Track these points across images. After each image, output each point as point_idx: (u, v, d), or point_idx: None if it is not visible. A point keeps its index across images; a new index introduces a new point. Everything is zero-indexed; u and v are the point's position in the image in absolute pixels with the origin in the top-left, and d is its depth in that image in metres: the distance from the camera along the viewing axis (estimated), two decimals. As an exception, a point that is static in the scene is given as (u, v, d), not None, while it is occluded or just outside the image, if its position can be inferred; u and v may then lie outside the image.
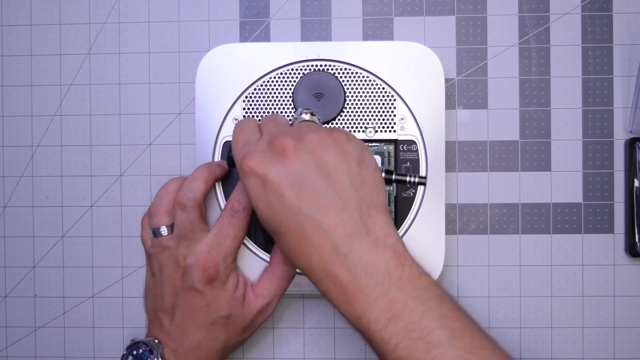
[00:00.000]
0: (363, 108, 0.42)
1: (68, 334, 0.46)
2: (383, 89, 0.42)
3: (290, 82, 0.42)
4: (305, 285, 0.43)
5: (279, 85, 0.42)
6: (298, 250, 0.33)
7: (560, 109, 0.45)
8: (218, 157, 0.42)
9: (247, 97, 0.42)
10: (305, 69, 0.42)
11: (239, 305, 0.39)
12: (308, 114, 0.38)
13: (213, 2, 0.46)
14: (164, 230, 0.39)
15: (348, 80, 0.42)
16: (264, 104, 0.42)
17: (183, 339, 0.39)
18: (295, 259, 0.34)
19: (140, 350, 0.38)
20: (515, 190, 0.45)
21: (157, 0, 0.46)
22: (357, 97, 0.42)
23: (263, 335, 0.46)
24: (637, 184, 0.44)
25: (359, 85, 0.42)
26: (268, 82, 0.42)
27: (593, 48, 0.45)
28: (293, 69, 0.42)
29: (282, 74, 0.42)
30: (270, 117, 0.38)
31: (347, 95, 0.42)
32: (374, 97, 0.42)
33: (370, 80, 0.42)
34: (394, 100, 0.42)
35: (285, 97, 0.42)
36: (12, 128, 0.47)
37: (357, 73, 0.42)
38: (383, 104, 0.42)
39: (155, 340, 0.39)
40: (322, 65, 0.42)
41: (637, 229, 0.44)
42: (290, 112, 0.42)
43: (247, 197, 0.39)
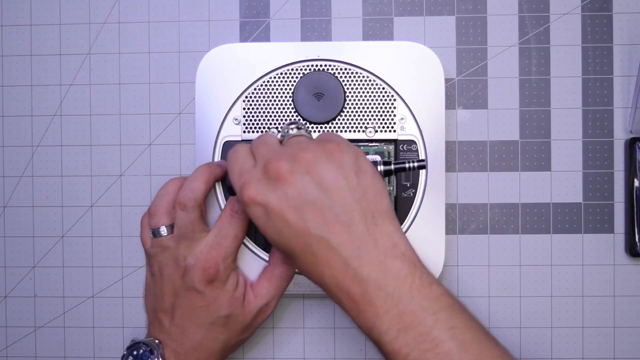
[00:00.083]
0: (363, 108, 0.42)
1: (68, 334, 0.46)
2: (383, 89, 0.42)
3: (290, 82, 0.42)
4: (305, 285, 0.43)
5: (279, 85, 0.42)
6: (311, 269, 0.34)
7: (560, 109, 0.45)
8: (218, 157, 0.42)
9: (247, 97, 0.42)
10: (305, 69, 0.42)
11: (239, 305, 0.39)
12: (295, 129, 0.37)
13: (213, 2, 0.46)
14: (164, 231, 0.39)
15: (348, 80, 0.42)
16: (264, 104, 0.42)
17: (183, 339, 0.39)
18: (310, 275, 0.35)
19: (141, 351, 0.38)
20: (515, 190, 0.45)
21: (157, 0, 0.46)
22: (357, 97, 0.42)
23: (263, 335, 0.46)
24: (637, 184, 0.44)
25: (359, 85, 0.42)
26: (268, 82, 0.42)
27: (593, 48, 0.45)
28: (293, 69, 0.42)
29: (282, 74, 0.42)
30: (260, 138, 0.38)
31: (347, 95, 0.42)
32: (374, 97, 0.42)
33: (370, 80, 0.42)
34: (394, 100, 0.42)
35: (285, 97, 0.42)
36: (12, 128, 0.47)
37: (357, 73, 0.42)
38: (383, 104, 0.42)
39: (156, 341, 0.39)
40: (322, 65, 0.42)
41: (637, 229, 0.44)
42: (290, 112, 0.42)
43: None
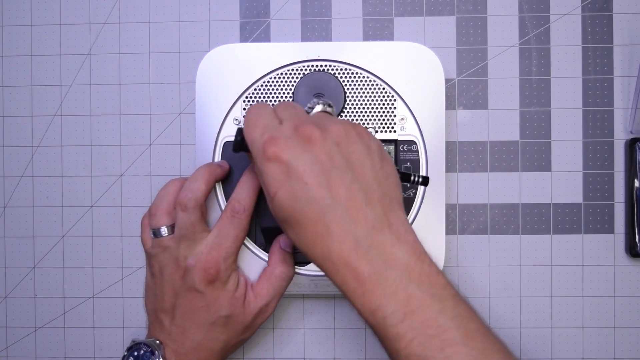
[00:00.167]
0: (363, 108, 0.42)
1: (68, 334, 0.46)
2: (383, 89, 0.42)
3: (291, 82, 0.42)
4: (305, 286, 0.43)
5: (279, 86, 0.42)
6: (317, 240, 0.32)
7: (561, 109, 0.45)
8: (218, 157, 0.42)
9: (247, 97, 0.42)
10: (306, 69, 0.42)
11: (240, 306, 0.39)
12: (326, 105, 0.37)
13: (213, 2, 0.46)
14: (165, 231, 0.39)
15: (348, 81, 0.42)
16: (264, 104, 0.42)
17: (184, 339, 0.39)
18: (313, 249, 0.33)
19: (142, 351, 0.38)
20: (516, 191, 0.45)
21: (157, 1, 0.46)
22: (357, 97, 0.42)
23: (263, 335, 0.46)
24: (637, 184, 0.44)
25: (359, 86, 0.42)
26: (268, 82, 0.42)
27: (593, 48, 0.45)
28: (293, 69, 0.42)
29: (282, 74, 0.42)
30: (286, 104, 0.37)
31: (347, 96, 0.42)
32: (374, 97, 0.42)
33: (371, 81, 0.42)
34: (394, 101, 0.42)
35: (286, 97, 0.42)
36: (12, 128, 0.47)
37: (357, 73, 0.42)
38: (383, 104, 0.42)
39: (157, 341, 0.39)
40: (322, 66, 0.42)
41: (637, 229, 0.44)
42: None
43: (248, 197, 0.39)
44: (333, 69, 0.42)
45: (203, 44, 0.46)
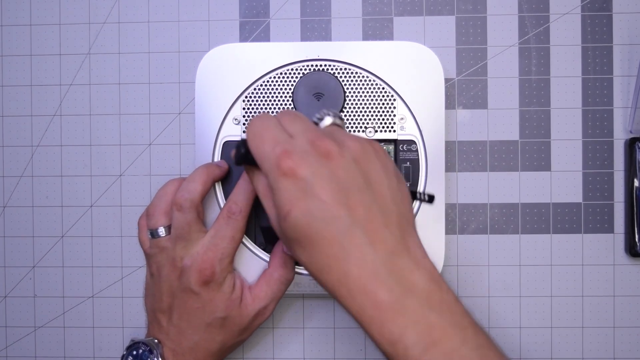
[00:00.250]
0: (363, 108, 0.42)
1: (68, 334, 0.46)
2: (383, 89, 0.42)
3: (290, 82, 0.42)
4: (305, 286, 0.43)
5: (279, 85, 0.42)
6: (332, 264, 0.30)
7: (560, 109, 0.45)
8: (218, 157, 0.42)
9: (247, 97, 0.42)
10: (305, 69, 0.42)
11: (236, 307, 0.39)
12: (336, 117, 0.35)
13: (213, 2, 0.46)
14: (162, 231, 0.39)
15: (348, 80, 0.42)
16: (264, 104, 0.42)
17: (181, 339, 0.39)
18: (327, 273, 0.30)
19: (140, 351, 0.38)
20: (515, 190, 0.45)
21: (157, 0, 0.46)
22: (357, 97, 0.42)
23: (263, 335, 0.46)
24: (637, 184, 0.44)
25: (359, 85, 0.42)
26: (268, 82, 0.42)
27: (593, 48, 0.45)
28: (293, 69, 0.42)
29: (282, 74, 0.42)
30: (290, 114, 0.35)
31: (347, 95, 0.42)
32: (374, 97, 0.42)
33: (370, 80, 0.42)
34: (394, 100, 0.42)
35: (285, 97, 0.42)
36: (12, 128, 0.47)
37: (357, 73, 0.42)
38: (383, 104, 0.42)
39: (155, 340, 0.39)
40: (322, 65, 0.42)
41: (637, 229, 0.44)
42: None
43: (245, 198, 0.39)
44: (333, 69, 0.42)
45: (203, 44, 0.46)
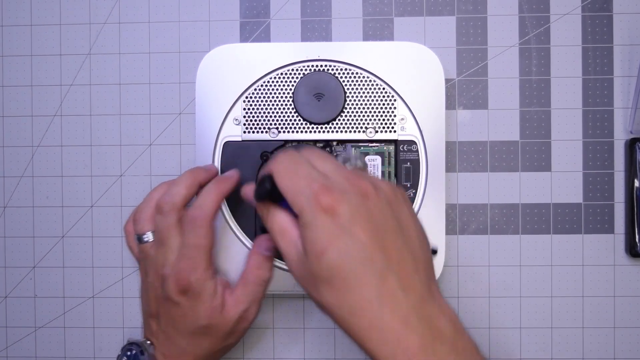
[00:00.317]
0: (363, 108, 0.42)
1: (68, 334, 0.46)
2: (383, 89, 0.42)
3: (291, 82, 0.42)
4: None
5: (279, 86, 0.42)
6: (365, 307, 0.29)
7: (561, 109, 0.45)
8: (218, 157, 0.42)
9: (247, 97, 0.42)
10: (306, 69, 0.42)
11: (218, 314, 0.38)
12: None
13: (213, 2, 0.46)
14: (147, 237, 0.39)
15: (348, 81, 0.42)
16: (264, 104, 0.42)
17: (169, 344, 0.39)
18: (358, 317, 0.29)
19: (133, 351, 0.38)
20: (516, 191, 0.45)
21: (157, 1, 0.46)
22: (357, 97, 0.42)
23: (263, 335, 0.46)
24: (637, 184, 0.44)
25: (359, 86, 0.42)
26: (268, 82, 0.42)
27: (593, 48, 0.45)
28: (293, 69, 0.42)
29: (282, 74, 0.42)
30: (317, 152, 0.33)
31: (347, 96, 0.42)
32: (374, 97, 0.42)
33: (371, 81, 0.42)
34: (394, 101, 0.42)
35: (286, 97, 0.42)
36: (12, 128, 0.47)
37: (357, 73, 0.42)
38: (383, 104, 0.42)
39: (148, 342, 0.39)
40: (322, 66, 0.42)
41: (637, 229, 0.44)
42: (291, 112, 0.42)
43: (211, 202, 0.37)
44: (333, 69, 0.42)
45: (203, 44, 0.46)
